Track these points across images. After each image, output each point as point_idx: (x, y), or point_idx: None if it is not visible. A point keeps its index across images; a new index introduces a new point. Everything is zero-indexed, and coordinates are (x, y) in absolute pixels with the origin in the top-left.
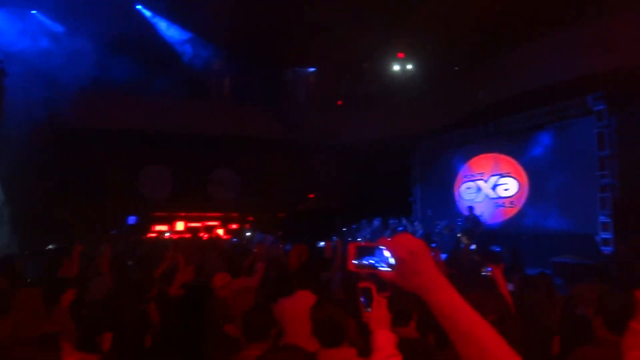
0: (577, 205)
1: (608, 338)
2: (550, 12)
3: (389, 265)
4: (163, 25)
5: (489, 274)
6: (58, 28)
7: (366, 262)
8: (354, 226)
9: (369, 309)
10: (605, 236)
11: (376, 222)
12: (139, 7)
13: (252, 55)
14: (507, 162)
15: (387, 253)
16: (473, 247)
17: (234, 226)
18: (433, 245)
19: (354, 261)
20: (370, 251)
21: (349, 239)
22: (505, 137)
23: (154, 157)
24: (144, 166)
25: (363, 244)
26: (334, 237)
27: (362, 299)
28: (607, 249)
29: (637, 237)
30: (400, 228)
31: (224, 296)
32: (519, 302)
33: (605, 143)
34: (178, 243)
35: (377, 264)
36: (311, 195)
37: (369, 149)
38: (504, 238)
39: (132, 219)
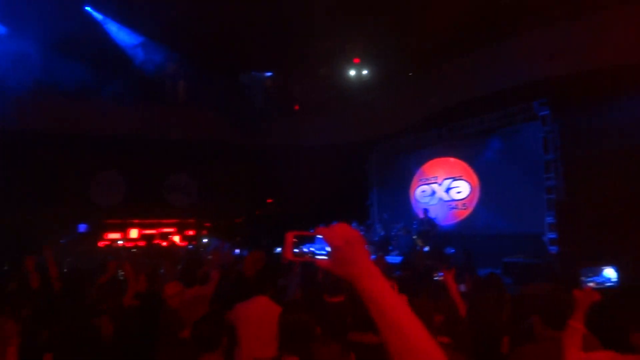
0: (526, 206)
1: (548, 336)
2: (498, 22)
3: (327, 254)
4: (114, 28)
5: (440, 278)
6: (1, 29)
7: (305, 250)
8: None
9: None
10: (552, 236)
11: None
12: (88, 8)
13: (208, 59)
14: (459, 165)
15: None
16: (427, 248)
17: (191, 233)
18: (390, 247)
19: (294, 250)
20: (309, 239)
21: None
22: (457, 141)
23: (106, 162)
24: (95, 172)
25: (301, 232)
26: None
27: None
28: (553, 249)
29: (579, 236)
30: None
31: (176, 305)
32: (470, 303)
33: (550, 147)
34: (121, 253)
35: (315, 252)
36: (269, 200)
37: (326, 153)
38: (458, 239)
39: (82, 227)
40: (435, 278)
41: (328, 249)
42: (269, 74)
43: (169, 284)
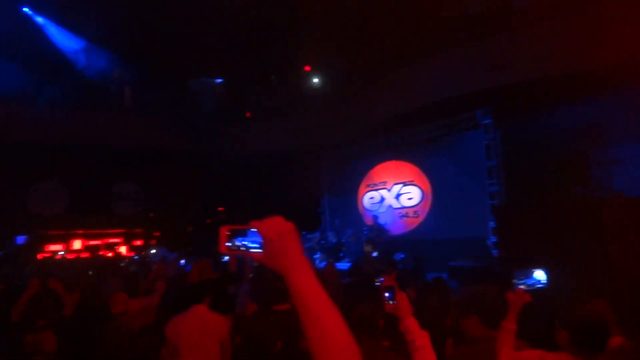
0: (472, 211)
1: (485, 335)
2: (442, 33)
3: (260, 246)
4: (55, 31)
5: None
6: None
7: (239, 244)
8: None
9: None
10: (494, 240)
11: None
12: (26, 9)
13: (155, 64)
14: (409, 169)
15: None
16: (375, 254)
17: (139, 243)
18: (341, 254)
19: (227, 243)
20: (243, 233)
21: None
22: (406, 148)
23: (47, 170)
24: (35, 181)
25: (235, 226)
26: None
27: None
28: (496, 252)
29: (516, 240)
30: (312, 235)
31: (121, 317)
32: (416, 307)
33: (492, 153)
34: (48, 267)
35: (249, 246)
36: (221, 209)
37: (278, 160)
38: (408, 245)
39: (21, 239)
40: (377, 283)
41: (262, 241)
42: (219, 80)
43: (115, 295)
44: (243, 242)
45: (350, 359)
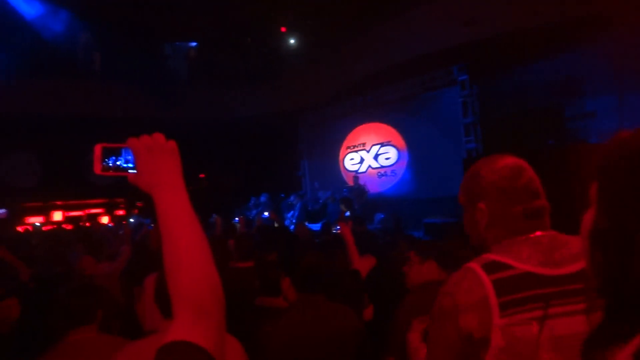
0: (450, 169)
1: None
2: None
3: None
4: None
5: (338, 231)
6: None
7: (112, 164)
8: (251, 203)
9: None
10: None
11: (262, 198)
12: None
13: (126, 29)
14: (386, 130)
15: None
16: (348, 213)
17: (121, 213)
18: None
19: (102, 163)
20: (117, 152)
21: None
22: (382, 108)
23: (20, 142)
24: (9, 152)
25: (110, 144)
26: (213, 215)
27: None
28: None
29: None
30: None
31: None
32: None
33: (469, 110)
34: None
35: (123, 166)
36: (202, 175)
37: (255, 124)
38: (388, 205)
39: (0, 212)
40: (334, 230)
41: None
42: (193, 44)
43: (82, 258)
44: (117, 162)
45: (206, 290)
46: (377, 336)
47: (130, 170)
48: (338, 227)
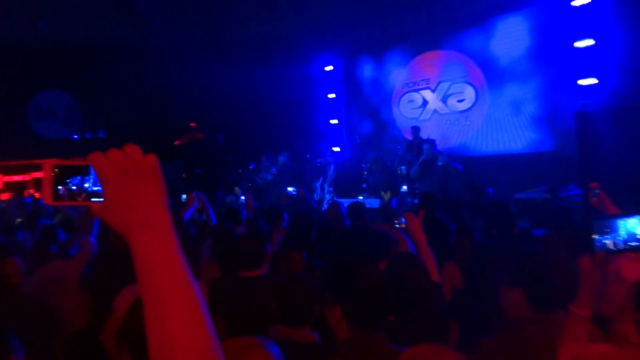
0: (551, 117)
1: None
2: None
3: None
4: None
5: (402, 225)
6: None
7: (75, 188)
8: (252, 165)
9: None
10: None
11: (282, 159)
12: None
13: None
14: (460, 60)
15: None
16: (395, 202)
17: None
18: (364, 185)
19: (56, 188)
20: (80, 172)
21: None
22: (455, 26)
23: None
24: None
25: (66, 161)
26: (196, 191)
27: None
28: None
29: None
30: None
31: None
32: None
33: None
34: None
35: (89, 190)
36: (193, 124)
37: (263, 50)
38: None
39: None
40: (397, 226)
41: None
42: None
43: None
44: (83, 186)
45: None
46: None
47: (94, 199)
48: (402, 219)
